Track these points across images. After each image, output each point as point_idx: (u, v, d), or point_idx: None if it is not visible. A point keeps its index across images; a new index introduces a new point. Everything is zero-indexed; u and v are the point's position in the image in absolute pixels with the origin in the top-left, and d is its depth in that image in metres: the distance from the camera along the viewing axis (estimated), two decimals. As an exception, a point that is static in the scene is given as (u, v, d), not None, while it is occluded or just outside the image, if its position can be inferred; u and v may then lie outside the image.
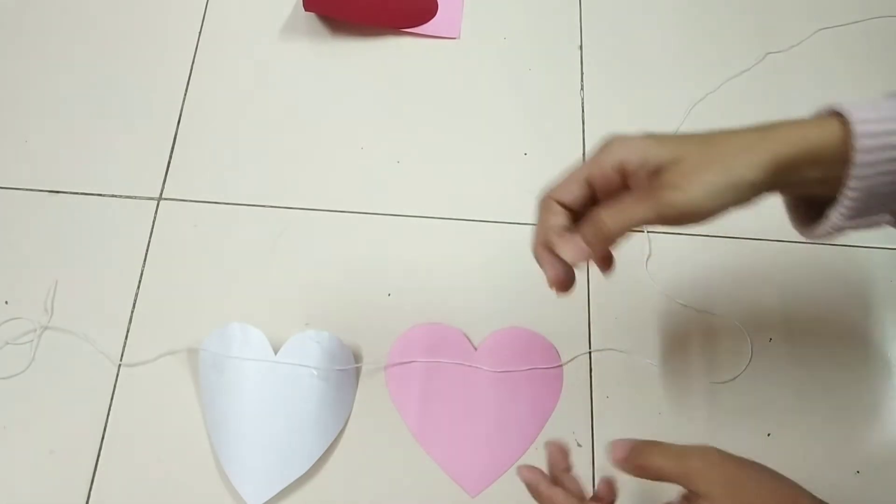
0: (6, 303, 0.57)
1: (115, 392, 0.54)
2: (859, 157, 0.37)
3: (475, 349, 0.57)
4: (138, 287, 0.58)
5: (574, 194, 0.40)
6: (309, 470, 0.52)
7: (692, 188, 0.37)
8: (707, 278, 0.60)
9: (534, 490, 0.43)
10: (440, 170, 0.64)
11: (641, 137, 0.39)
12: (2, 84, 0.65)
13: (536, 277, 0.59)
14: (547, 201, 0.41)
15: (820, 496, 0.39)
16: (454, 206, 0.62)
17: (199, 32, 0.69)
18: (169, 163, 0.63)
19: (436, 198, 0.62)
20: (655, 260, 0.60)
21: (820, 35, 0.70)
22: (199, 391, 0.54)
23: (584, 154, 0.65)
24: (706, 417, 0.56)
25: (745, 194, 0.38)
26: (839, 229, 0.40)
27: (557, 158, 0.64)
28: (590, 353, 0.57)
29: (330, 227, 0.61)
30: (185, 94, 0.66)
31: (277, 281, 0.58)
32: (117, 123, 0.64)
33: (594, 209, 0.39)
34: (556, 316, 0.58)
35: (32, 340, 0.56)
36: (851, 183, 0.38)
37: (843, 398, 0.57)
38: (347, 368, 0.55)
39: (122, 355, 0.56)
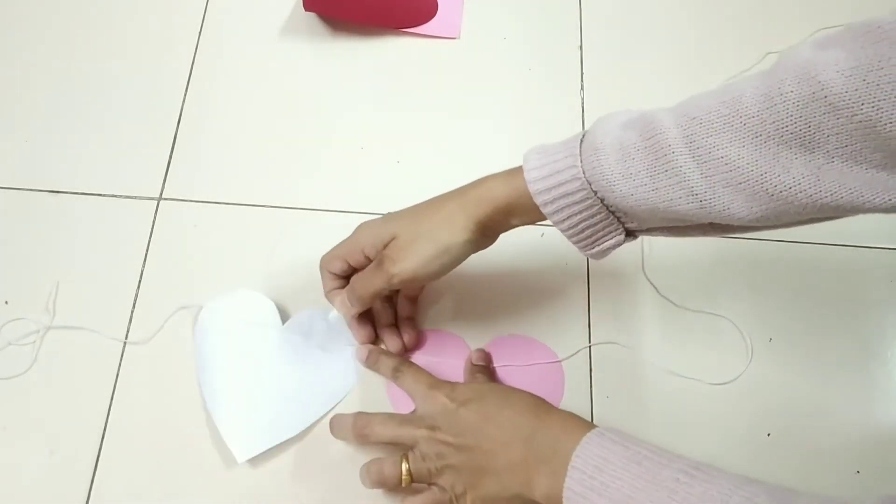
0: (6, 303, 0.57)
1: (115, 392, 0.54)
2: (544, 208, 0.44)
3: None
4: (138, 287, 0.58)
5: (336, 267, 0.52)
6: (299, 435, 0.53)
7: (407, 261, 0.47)
8: (707, 278, 0.60)
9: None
10: (440, 170, 0.64)
11: (374, 223, 0.50)
12: (2, 84, 0.65)
13: (537, 282, 0.59)
14: (321, 269, 0.53)
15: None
16: (454, 206, 0.62)
17: (199, 32, 0.69)
18: (169, 163, 0.63)
19: (436, 198, 0.62)
20: (654, 261, 0.60)
21: (820, 35, 0.70)
22: (196, 348, 0.55)
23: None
24: (706, 418, 0.56)
25: (461, 253, 0.47)
26: (595, 256, 0.47)
27: (557, 158, 0.65)
28: (590, 347, 0.57)
29: (330, 227, 0.61)
30: (185, 94, 0.66)
31: (277, 281, 0.58)
32: (117, 123, 0.64)
33: (354, 276, 0.51)
34: (557, 321, 0.58)
35: (35, 342, 0.56)
36: (556, 226, 0.45)
37: (843, 398, 0.57)
38: (351, 347, 0.56)
39: (121, 356, 0.56)
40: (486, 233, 0.48)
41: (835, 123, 0.35)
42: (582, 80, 0.68)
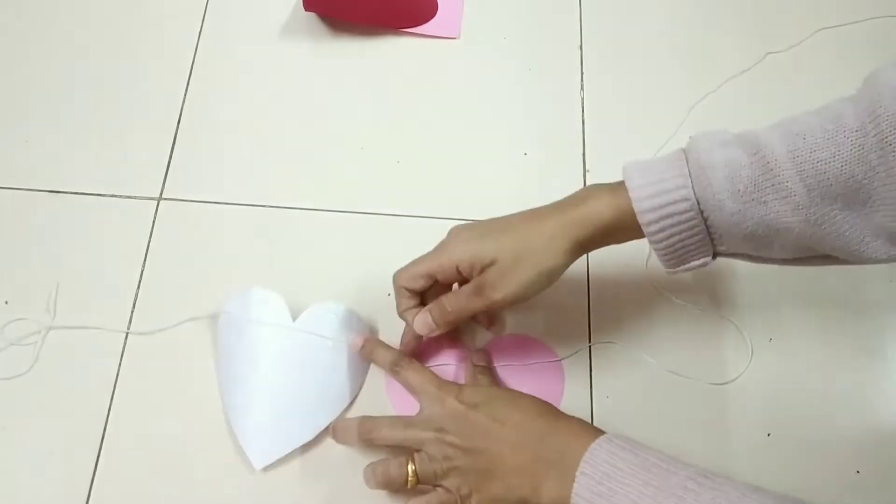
0: (6, 303, 0.57)
1: (115, 392, 0.54)
2: (646, 228, 0.45)
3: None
4: (138, 287, 0.58)
5: (419, 285, 0.50)
6: (315, 438, 0.53)
7: (508, 287, 0.46)
8: (707, 278, 0.60)
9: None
10: (440, 170, 0.64)
11: (470, 238, 0.48)
12: (2, 84, 0.65)
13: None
14: (398, 287, 0.51)
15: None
16: (454, 206, 0.62)
17: (199, 32, 0.69)
18: (169, 163, 0.63)
19: (436, 198, 0.62)
20: (655, 260, 0.60)
21: (820, 35, 0.70)
22: (216, 353, 0.55)
23: (584, 154, 0.65)
24: (706, 418, 0.56)
25: (556, 275, 0.47)
26: (677, 273, 0.48)
27: (557, 158, 0.65)
28: (589, 347, 0.57)
29: (330, 227, 0.61)
30: (185, 94, 0.66)
31: (277, 281, 0.58)
32: (117, 123, 0.64)
33: (442, 296, 0.50)
34: (557, 321, 0.58)
35: (36, 342, 0.56)
36: (653, 245, 0.46)
37: (843, 398, 0.57)
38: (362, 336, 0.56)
39: (121, 356, 0.56)
40: (582, 252, 0.48)
41: None
42: (582, 80, 0.68)
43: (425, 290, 0.51)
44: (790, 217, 0.42)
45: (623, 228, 0.46)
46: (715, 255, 0.47)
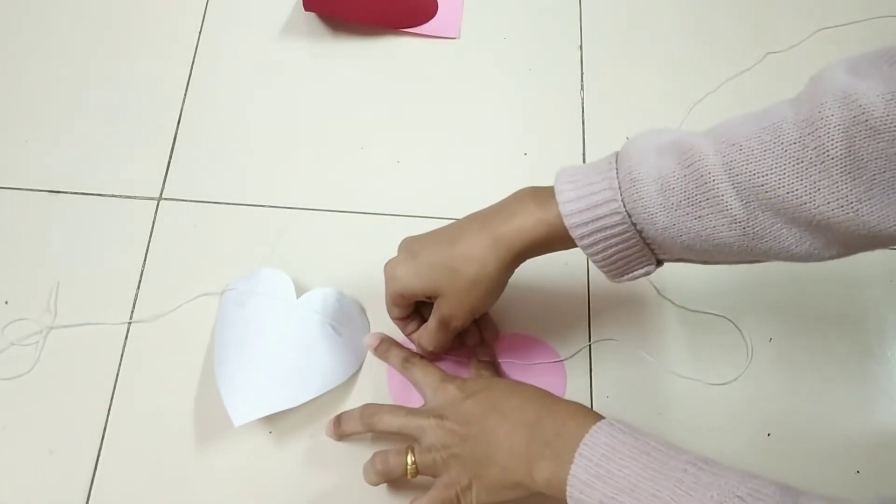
0: (6, 303, 0.57)
1: (115, 393, 0.55)
2: (580, 241, 0.44)
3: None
4: (138, 287, 0.58)
5: (396, 313, 0.53)
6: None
7: (463, 315, 0.49)
8: (707, 278, 0.60)
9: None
10: (440, 170, 0.64)
11: (408, 272, 0.49)
12: (2, 84, 0.65)
13: (537, 282, 0.59)
14: (393, 320, 0.54)
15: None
16: (454, 206, 0.61)
17: (200, 32, 0.69)
18: (169, 163, 0.63)
19: (436, 198, 0.62)
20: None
21: (820, 35, 0.70)
22: (216, 322, 0.56)
23: (583, 154, 0.65)
24: (706, 418, 0.56)
25: (501, 285, 0.49)
26: (622, 282, 0.47)
27: (557, 158, 0.65)
28: (590, 346, 0.57)
29: (330, 227, 0.61)
30: (185, 94, 0.66)
31: (277, 281, 0.58)
32: (117, 123, 0.64)
33: (417, 335, 0.53)
34: (558, 321, 0.58)
35: (38, 342, 0.56)
36: (590, 258, 0.45)
37: (843, 398, 0.57)
38: (361, 328, 0.57)
39: (121, 356, 0.56)
40: (520, 261, 0.48)
41: (875, 148, 0.35)
42: (582, 80, 0.68)
43: (411, 312, 0.53)
44: (727, 231, 0.40)
45: (558, 240, 0.45)
46: (660, 262, 0.46)
